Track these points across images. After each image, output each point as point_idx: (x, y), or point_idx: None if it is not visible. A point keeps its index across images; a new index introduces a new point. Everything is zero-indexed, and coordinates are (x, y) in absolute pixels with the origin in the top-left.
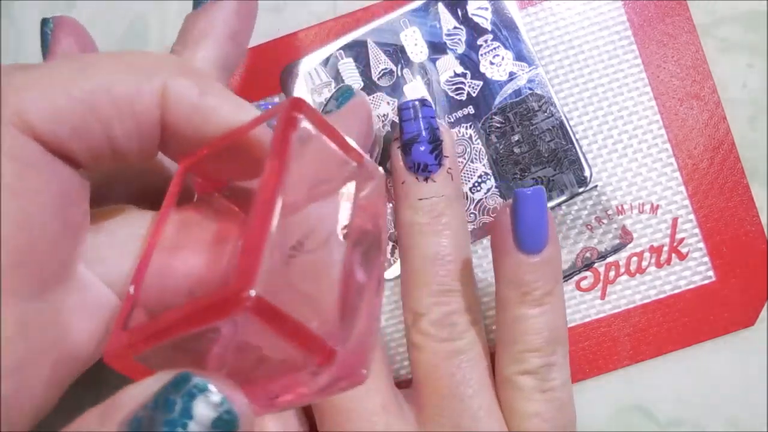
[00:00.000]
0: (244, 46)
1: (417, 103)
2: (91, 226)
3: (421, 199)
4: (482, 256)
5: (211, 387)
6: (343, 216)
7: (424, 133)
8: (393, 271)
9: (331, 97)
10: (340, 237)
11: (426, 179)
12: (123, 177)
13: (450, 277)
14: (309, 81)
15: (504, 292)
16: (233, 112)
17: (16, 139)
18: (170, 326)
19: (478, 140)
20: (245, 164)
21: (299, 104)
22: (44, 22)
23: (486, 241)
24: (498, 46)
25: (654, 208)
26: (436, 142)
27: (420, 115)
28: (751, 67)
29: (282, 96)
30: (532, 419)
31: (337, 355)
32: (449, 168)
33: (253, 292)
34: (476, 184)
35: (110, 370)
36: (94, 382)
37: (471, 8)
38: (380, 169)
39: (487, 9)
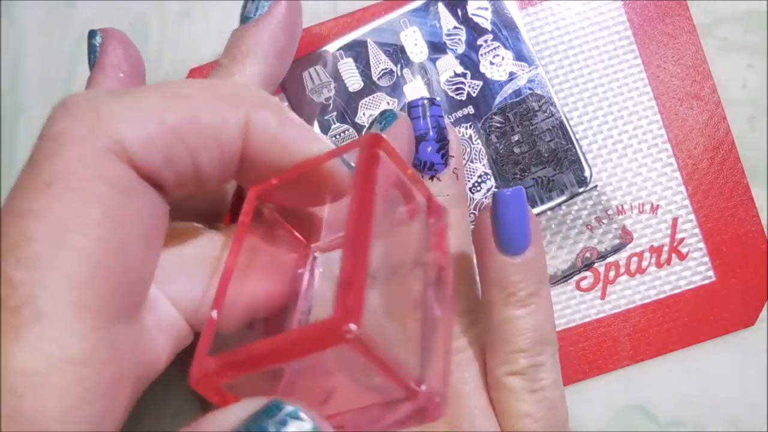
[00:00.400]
0: (289, 62)
1: (426, 101)
2: None
3: None
4: None
5: (302, 414)
6: (416, 250)
7: (431, 132)
8: None
9: (374, 120)
10: (412, 270)
11: (432, 178)
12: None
13: (452, 278)
14: (309, 81)
15: (489, 294)
16: (309, 144)
17: (115, 167)
18: (265, 356)
19: (478, 140)
20: (312, 193)
21: (379, 140)
22: (92, 34)
23: None
24: (498, 46)
25: (654, 208)
26: (443, 142)
27: (428, 114)
28: (751, 67)
29: (283, 96)
30: (523, 420)
31: (420, 390)
32: (455, 168)
33: (353, 326)
34: (476, 184)
35: None
36: None
37: (471, 8)
38: (445, 205)
39: (487, 9)
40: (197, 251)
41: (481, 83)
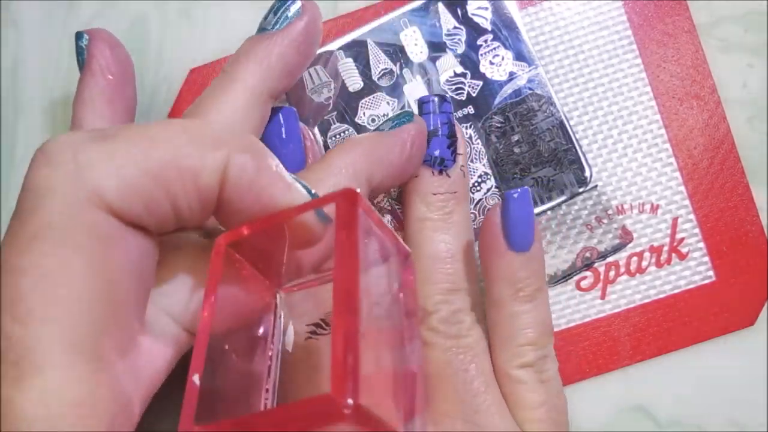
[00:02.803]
0: (295, 79)
1: (437, 98)
2: None
3: (435, 194)
4: None
5: None
6: (388, 292)
7: (443, 128)
8: None
9: (389, 118)
10: (387, 315)
11: (440, 172)
12: None
13: (457, 275)
14: (309, 81)
15: (498, 292)
16: (284, 193)
17: (96, 217)
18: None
19: (478, 140)
20: (282, 242)
21: (356, 197)
22: (78, 35)
23: None
24: (498, 46)
25: (654, 208)
26: (453, 138)
27: (439, 110)
28: (751, 67)
29: (283, 97)
30: (539, 409)
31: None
32: (462, 165)
33: (351, 401)
34: (476, 184)
35: None
36: None
37: (471, 8)
38: (409, 248)
39: (487, 9)
40: (187, 264)
41: (481, 83)
